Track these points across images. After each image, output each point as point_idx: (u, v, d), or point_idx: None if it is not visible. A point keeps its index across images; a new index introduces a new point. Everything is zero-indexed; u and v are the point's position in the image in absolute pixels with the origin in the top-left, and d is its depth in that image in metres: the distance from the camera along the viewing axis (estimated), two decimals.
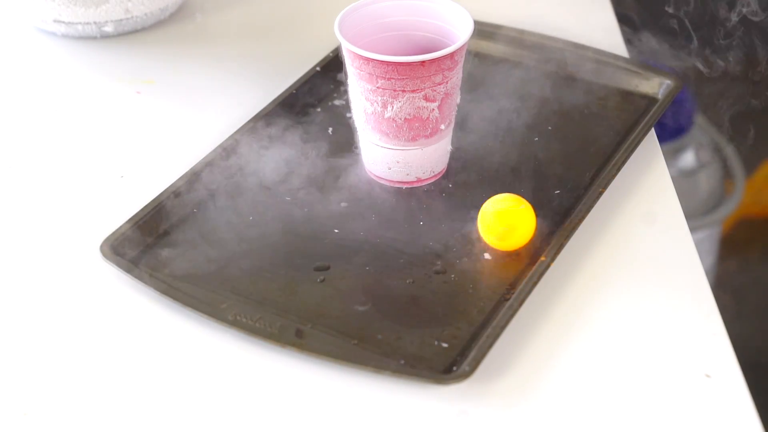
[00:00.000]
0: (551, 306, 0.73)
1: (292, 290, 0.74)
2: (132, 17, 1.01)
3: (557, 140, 0.87)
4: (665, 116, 0.90)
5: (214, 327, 0.72)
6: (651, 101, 0.91)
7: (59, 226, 0.81)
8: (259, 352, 0.70)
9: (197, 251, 0.77)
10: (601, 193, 0.80)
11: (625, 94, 0.92)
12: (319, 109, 0.91)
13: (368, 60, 0.77)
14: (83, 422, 0.67)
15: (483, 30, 0.96)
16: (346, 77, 0.81)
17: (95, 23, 1.00)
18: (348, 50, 0.78)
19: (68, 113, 0.94)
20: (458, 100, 0.82)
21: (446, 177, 0.84)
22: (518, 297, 0.72)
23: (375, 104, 0.79)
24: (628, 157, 0.83)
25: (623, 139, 0.86)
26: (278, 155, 0.85)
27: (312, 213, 0.80)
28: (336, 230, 0.79)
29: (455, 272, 0.75)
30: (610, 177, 0.81)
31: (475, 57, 0.95)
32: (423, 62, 0.76)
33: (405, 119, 0.79)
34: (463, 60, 0.80)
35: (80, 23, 1.00)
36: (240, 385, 0.69)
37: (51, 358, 0.71)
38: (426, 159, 0.82)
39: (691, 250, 0.77)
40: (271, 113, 0.88)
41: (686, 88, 1.44)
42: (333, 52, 0.94)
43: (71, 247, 0.79)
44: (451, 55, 0.77)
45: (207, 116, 0.92)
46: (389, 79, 0.77)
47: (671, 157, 1.54)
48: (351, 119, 0.86)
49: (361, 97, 0.80)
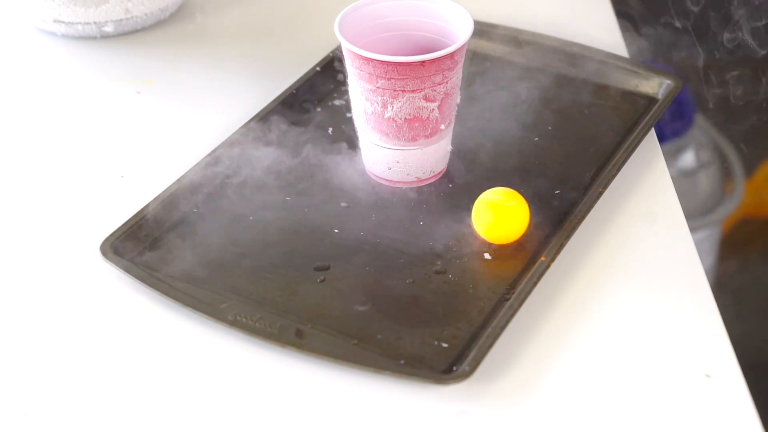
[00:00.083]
0: (551, 306, 0.73)
1: (292, 290, 0.74)
2: (132, 17, 1.01)
3: (557, 140, 0.87)
4: (665, 116, 0.90)
5: (214, 327, 0.72)
6: (651, 101, 0.91)
7: (59, 226, 0.81)
8: (259, 352, 0.70)
9: (197, 251, 0.77)
10: (601, 193, 0.80)
11: (625, 94, 0.92)
12: (319, 109, 0.91)
13: (368, 60, 0.77)
14: (83, 422, 0.67)
15: (483, 30, 0.96)
16: (346, 77, 0.81)
17: (95, 23, 1.00)
18: (348, 50, 0.78)
19: (68, 113, 0.94)
20: (458, 100, 0.82)
21: (446, 177, 0.84)
22: (518, 297, 0.72)
23: (375, 104, 0.79)
24: (628, 157, 0.83)
25: (623, 139, 0.86)
26: (278, 155, 0.85)
27: (312, 213, 0.80)
28: (336, 230, 0.79)
29: (455, 272, 0.75)
30: (610, 177, 0.81)
31: (476, 57, 0.95)
32: (423, 62, 0.76)
33: (405, 119, 0.79)
34: (464, 60, 0.80)
35: (80, 23, 1.00)
36: (240, 385, 0.69)
37: (51, 358, 0.71)
38: (426, 159, 0.82)
39: (691, 250, 0.77)
40: (271, 113, 0.88)
41: (686, 88, 1.44)
42: (333, 52, 0.94)
43: (71, 247, 0.79)
44: (451, 55, 0.77)
45: (207, 116, 0.92)
46: (389, 79, 0.77)
47: (671, 157, 1.54)
48: (351, 119, 0.86)
49: (361, 97, 0.80)
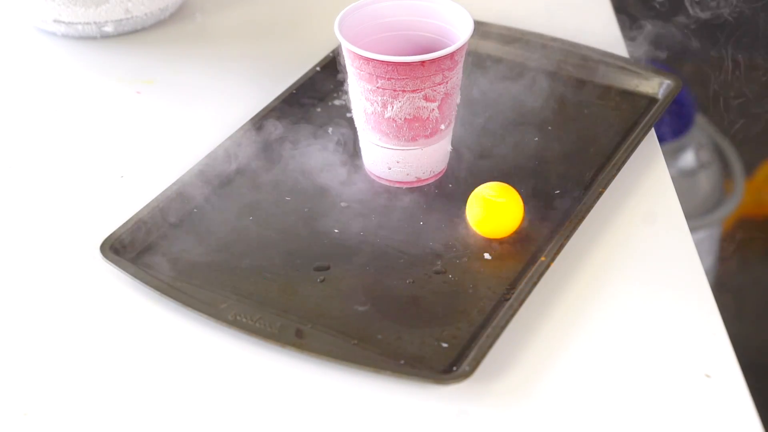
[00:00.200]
0: (551, 306, 0.73)
1: (292, 290, 0.74)
2: (132, 17, 1.01)
3: (557, 140, 0.87)
4: (665, 116, 0.90)
5: (214, 327, 0.72)
6: (651, 101, 0.91)
7: (59, 226, 0.81)
8: (259, 352, 0.70)
9: (197, 251, 0.77)
10: (601, 193, 0.80)
11: (625, 94, 0.92)
12: (319, 109, 0.91)
13: (368, 60, 0.77)
14: (83, 422, 0.67)
15: (483, 30, 0.96)
16: (346, 77, 0.81)
17: (95, 23, 1.00)
18: (348, 50, 0.78)
19: (68, 113, 0.94)
20: (458, 100, 0.82)
21: (446, 177, 0.84)
22: (518, 297, 0.72)
23: (375, 104, 0.79)
24: (628, 157, 0.83)
25: (623, 139, 0.86)
26: (278, 155, 0.85)
27: (312, 213, 0.80)
28: (336, 230, 0.79)
29: (455, 272, 0.75)
30: (610, 177, 0.81)
31: (476, 57, 0.95)
32: (423, 62, 0.76)
33: (405, 119, 0.79)
34: (463, 60, 0.80)
35: (80, 23, 1.00)
36: (240, 385, 0.69)
37: (51, 358, 0.71)
38: (426, 159, 0.82)
39: (691, 250, 0.77)
40: (271, 113, 0.88)
41: (686, 88, 1.44)
42: (333, 52, 0.94)
43: (71, 247, 0.79)
44: (451, 55, 0.77)
45: (207, 116, 0.92)
46: (389, 79, 0.77)
47: (671, 157, 1.54)
48: (351, 119, 0.86)
49: (361, 97, 0.80)
